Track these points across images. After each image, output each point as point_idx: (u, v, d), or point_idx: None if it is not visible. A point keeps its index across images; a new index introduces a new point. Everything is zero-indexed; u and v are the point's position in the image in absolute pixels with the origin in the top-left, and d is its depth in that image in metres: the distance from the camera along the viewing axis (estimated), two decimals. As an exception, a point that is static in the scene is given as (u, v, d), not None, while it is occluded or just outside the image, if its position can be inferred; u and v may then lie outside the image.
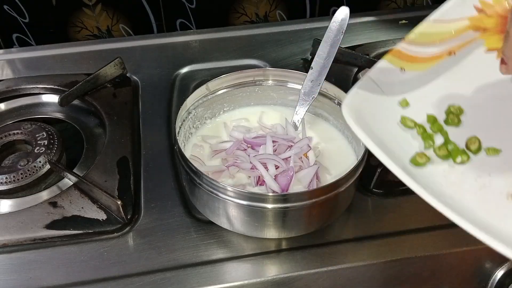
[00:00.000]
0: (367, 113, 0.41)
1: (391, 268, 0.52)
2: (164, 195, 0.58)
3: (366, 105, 0.42)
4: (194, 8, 0.84)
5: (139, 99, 0.72)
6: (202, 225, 0.55)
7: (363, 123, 0.39)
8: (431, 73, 0.46)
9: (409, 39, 0.47)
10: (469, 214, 0.34)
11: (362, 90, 0.43)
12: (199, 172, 0.48)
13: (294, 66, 0.76)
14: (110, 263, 0.51)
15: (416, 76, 0.46)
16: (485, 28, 0.49)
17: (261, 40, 0.82)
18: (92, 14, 0.82)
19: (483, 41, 0.47)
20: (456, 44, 0.48)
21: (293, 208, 0.47)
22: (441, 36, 0.48)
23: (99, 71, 0.70)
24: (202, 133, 0.61)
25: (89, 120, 0.70)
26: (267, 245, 0.53)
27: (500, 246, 0.31)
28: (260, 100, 0.64)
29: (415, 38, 0.47)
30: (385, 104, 0.43)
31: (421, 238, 0.54)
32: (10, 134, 0.64)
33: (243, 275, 0.51)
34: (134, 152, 0.63)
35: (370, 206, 0.57)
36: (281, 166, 0.54)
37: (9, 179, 0.58)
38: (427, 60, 0.47)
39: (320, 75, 0.57)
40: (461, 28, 0.49)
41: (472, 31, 0.49)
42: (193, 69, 0.77)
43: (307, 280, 0.51)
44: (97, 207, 0.56)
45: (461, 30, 0.49)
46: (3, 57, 0.80)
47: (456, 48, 0.48)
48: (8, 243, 0.53)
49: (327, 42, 0.57)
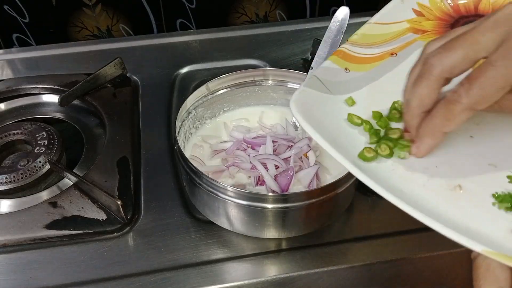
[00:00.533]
0: (315, 110, 0.42)
1: (391, 268, 0.53)
2: (164, 195, 0.58)
3: (313, 102, 0.43)
4: (194, 8, 0.84)
5: (139, 99, 0.72)
6: (202, 225, 0.55)
7: (312, 119, 0.40)
8: (374, 73, 0.48)
9: (352, 40, 0.49)
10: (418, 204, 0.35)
11: (309, 88, 0.44)
12: (199, 172, 0.48)
13: (294, 66, 0.76)
14: (110, 263, 0.51)
15: (360, 76, 0.47)
16: (424, 30, 0.51)
17: (261, 40, 0.82)
18: (92, 14, 0.82)
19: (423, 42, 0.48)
20: (398, 45, 0.50)
21: (293, 208, 0.47)
22: (382, 37, 0.50)
23: (99, 71, 0.70)
24: (202, 133, 0.61)
25: (89, 120, 0.70)
26: (267, 245, 0.53)
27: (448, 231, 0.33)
28: (260, 100, 0.64)
29: (357, 39, 0.49)
30: (332, 102, 0.44)
31: (421, 238, 0.54)
32: (10, 134, 0.64)
33: (243, 275, 0.51)
34: (134, 152, 0.63)
35: (370, 206, 0.57)
36: (281, 166, 0.54)
37: (9, 179, 0.58)
38: (370, 60, 0.48)
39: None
40: (402, 30, 0.50)
41: (412, 33, 0.50)
42: (193, 69, 0.77)
43: (307, 280, 0.51)
44: (97, 207, 0.56)
45: (401, 32, 0.50)
46: (3, 57, 0.80)
47: (397, 49, 0.49)
48: (8, 243, 0.53)
49: (327, 42, 0.57)
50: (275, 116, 0.63)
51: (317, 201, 0.48)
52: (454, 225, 0.33)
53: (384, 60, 0.48)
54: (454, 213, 0.36)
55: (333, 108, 0.44)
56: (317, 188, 0.52)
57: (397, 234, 0.54)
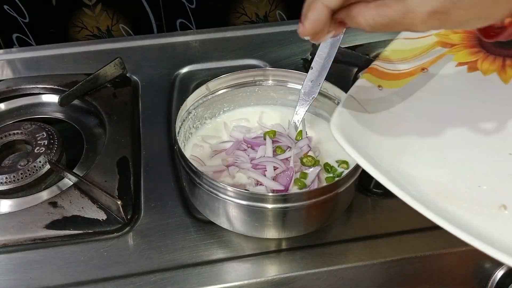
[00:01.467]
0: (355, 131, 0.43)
1: (391, 268, 0.52)
2: (164, 195, 0.58)
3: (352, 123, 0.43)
4: (194, 8, 0.84)
5: (139, 99, 0.72)
6: (202, 225, 0.55)
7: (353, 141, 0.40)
8: (407, 89, 0.48)
9: (383, 57, 0.49)
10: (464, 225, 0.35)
11: (347, 109, 0.44)
12: (199, 172, 0.48)
13: (294, 66, 0.76)
14: (110, 263, 0.51)
15: (393, 92, 0.47)
16: (453, 44, 0.51)
17: (261, 40, 0.82)
18: (92, 14, 0.82)
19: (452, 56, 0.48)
20: (428, 60, 0.50)
21: (293, 208, 0.47)
22: (412, 52, 0.50)
23: (99, 71, 0.70)
24: (202, 133, 0.61)
25: (89, 120, 0.70)
26: (267, 245, 0.53)
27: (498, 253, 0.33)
28: (260, 100, 0.64)
29: (388, 55, 0.49)
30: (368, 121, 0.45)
31: (421, 238, 0.54)
32: (10, 134, 0.64)
33: (243, 275, 0.51)
34: (134, 152, 0.63)
35: (370, 206, 0.57)
36: (280, 167, 0.54)
37: (9, 179, 0.58)
38: (401, 76, 0.49)
39: (320, 75, 0.56)
40: (430, 44, 0.51)
41: (441, 47, 0.51)
42: (193, 69, 0.77)
43: (307, 280, 0.51)
44: (97, 207, 0.56)
45: (430, 45, 0.51)
46: (3, 57, 0.80)
47: (427, 64, 0.50)
48: (8, 243, 0.53)
49: (327, 42, 0.57)
50: (275, 116, 0.63)
51: (317, 201, 0.48)
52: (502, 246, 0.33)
53: (416, 76, 0.49)
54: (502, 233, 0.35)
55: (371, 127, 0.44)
56: (317, 188, 0.52)
57: (397, 234, 0.54)
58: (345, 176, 0.48)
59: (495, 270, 0.53)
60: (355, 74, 0.73)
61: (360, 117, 0.44)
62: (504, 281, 0.53)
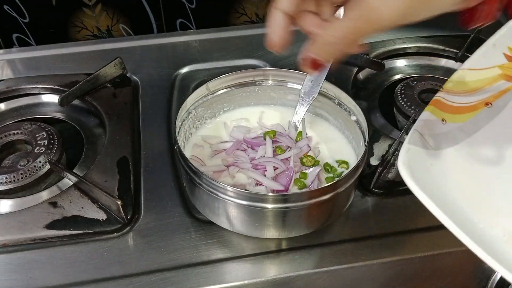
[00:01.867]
0: (421, 170, 0.41)
1: (391, 268, 0.52)
2: (164, 195, 0.58)
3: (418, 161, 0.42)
4: (194, 8, 0.84)
5: (139, 99, 0.72)
6: (202, 225, 0.55)
7: (420, 182, 0.39)
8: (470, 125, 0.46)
9: (447, 88, 0.47)
10: None
11: (413, 146, 0.43)
12: (199, 172, 0.48)
13: (294, 66, 0.76)
14: (110, 263, 0.51)
15: (457, 127, 0.46)
16: None
17: (261, 40, 0.81)
18: (92, 14, 0.82)
19: None
20: (492, 94, 0.48)
21: (293, 208, 0.47)
22: (475, 84, 0.48)
23: (99, 71, 0.70)
24: (202, 133, 0.61)
25: (89, 120, 0.70)
26: (267, 245, 0.53)
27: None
28: (260, 100, 0.64)
29: (452, 87, 0.48)
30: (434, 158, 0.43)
31: (421, 238, 0.54)
32: (10, 134, 0.64)
33: (243, 275, 0.51)
34: (134, 152, 0.63)
35: (370, 206, 0.57)
36: (280, 167, 0.54)
37: (9, 179, 0.58)
38: (465, 110, 0.47)
39: (320, 75, 0.57)
40: (494, 77, 0.49)
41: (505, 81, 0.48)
42: (193, 69, 0.77)
43: (307, 280, 0.51)
44: (97, 207, 0.56)
45: (494, 78, 0.49)
46: (3, 57, 0.80)
47: (492, 98, 0.48)
48: (8, 243, 0.53)
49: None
50: (275, 116, 0.63)
51: (317, 201, 0.48)
52: None
53: (480, 111, 0.47)
54: None
55: (439, 168, 0.43)
56: (317, 188, 0.52)
57: (397, 234, 0.54)
58: (345, 176, 0.48)
59: (495, 270, 0.53)
60: (355, 74, 0.73)
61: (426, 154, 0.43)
62: (504, 281, 0.53)
